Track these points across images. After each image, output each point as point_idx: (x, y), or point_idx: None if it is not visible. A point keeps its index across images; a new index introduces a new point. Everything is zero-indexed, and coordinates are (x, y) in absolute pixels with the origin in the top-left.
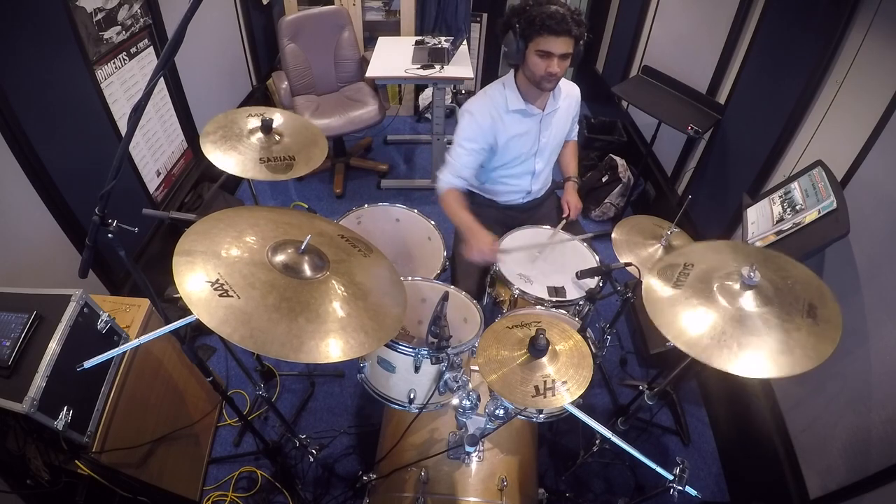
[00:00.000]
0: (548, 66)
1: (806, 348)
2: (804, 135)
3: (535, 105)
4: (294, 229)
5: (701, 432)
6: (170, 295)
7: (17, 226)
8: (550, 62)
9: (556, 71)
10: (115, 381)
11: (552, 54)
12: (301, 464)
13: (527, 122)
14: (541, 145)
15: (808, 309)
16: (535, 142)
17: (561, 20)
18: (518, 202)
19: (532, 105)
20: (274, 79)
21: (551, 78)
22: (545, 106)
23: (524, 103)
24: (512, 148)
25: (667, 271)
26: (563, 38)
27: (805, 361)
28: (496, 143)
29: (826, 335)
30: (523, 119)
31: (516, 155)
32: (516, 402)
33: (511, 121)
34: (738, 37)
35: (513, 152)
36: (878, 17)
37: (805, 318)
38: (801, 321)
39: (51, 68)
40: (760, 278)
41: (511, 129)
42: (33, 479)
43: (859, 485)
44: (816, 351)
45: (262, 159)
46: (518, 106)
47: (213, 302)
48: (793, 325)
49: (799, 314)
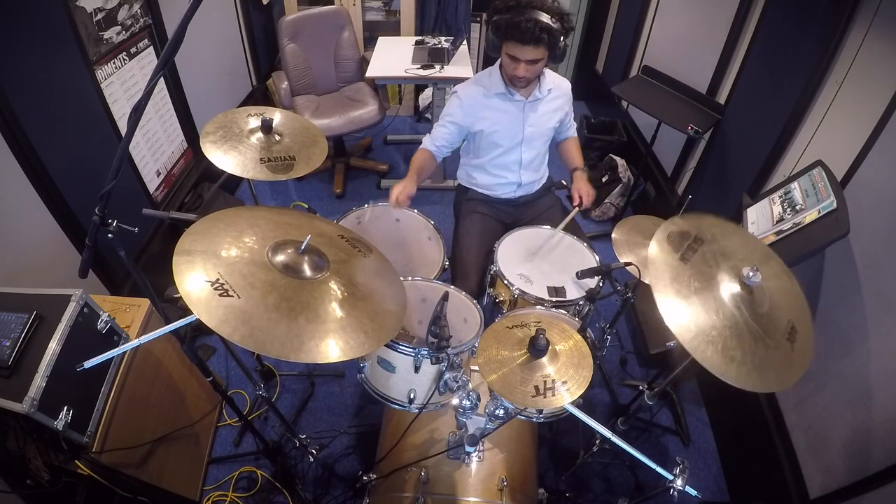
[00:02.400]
0: (515, 68)
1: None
2: (804, 135)
3: (518, 91)
4: (294, 229)
5: (701, 432)
6: (170, 295)
7: (17, 226)
8: (517, 66)
9: (523, 75)
10: (115, 381)
11: (519, 60)
12: (301, 464)
13: (508, 106)
14: (526, 134)
15: (790, 331)
16: (521, 130)
17: (527, 31)
18: (510, 196)
19: (515, 90)
20: (274, 79)
21: (519, 80)
22: (529, 94)
23: (505, 88)
24: (495, 133)
25: (675, 239)
26: (529, 47)
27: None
28: (473, 125)
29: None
30: (504, 103)
31: (500, 140)
32: (516, 402)
33: (494, 104)
34: (738, 37)
35: (496, 137)
36: (878, 17)
37: (785, 341)
38: (782, 341)
39: (51, 68)
40: (760, 280)
41: (494, 111)
42: (33, 479)
43: (859, 485)
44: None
45: (262, 159)
46: (500, 90)
47: (213, 301)
48: (773, 343)
49: (782, 335)
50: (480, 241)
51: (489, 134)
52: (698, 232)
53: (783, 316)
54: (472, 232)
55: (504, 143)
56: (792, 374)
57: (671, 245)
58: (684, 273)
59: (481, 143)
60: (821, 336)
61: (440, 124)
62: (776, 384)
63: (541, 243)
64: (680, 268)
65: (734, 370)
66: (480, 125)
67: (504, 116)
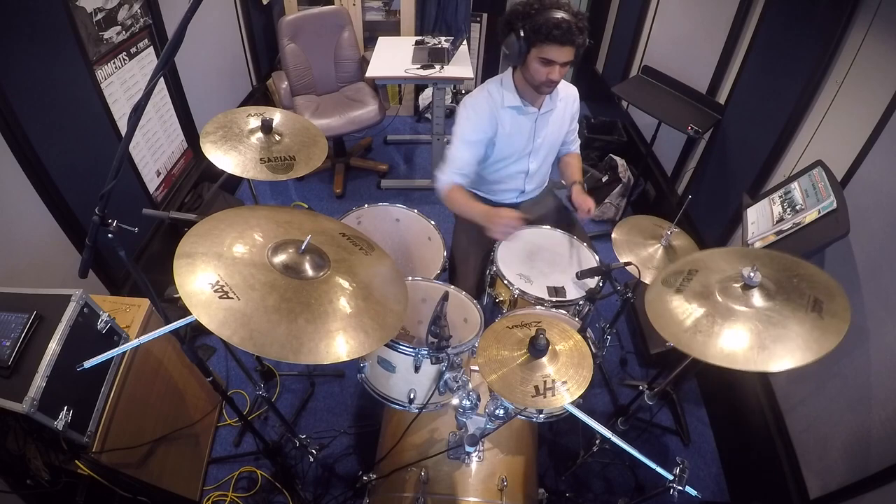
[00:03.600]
0: (549, 72)
1: (809, 341)
2: (804, 135)
3: (531, 103)
4: (294, 229)
5: (701, 432)
6: (170, 295)
7: (17, 226)
8: (552, 69)
9: (557, 78)
10: (115, 381)
11: (555, 62)
12: (301, 464)
13: (522, 119)
14: (535, 145)
15: (812, 304)
16: (530, 141)
17: (567, 30)
18: (512, 201)
19: (528, 103)
20: (274, 79)
21: (551, 84)
22: (541, 105)
23: (520, 100)
24: (507, 145)
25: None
26: (567, 48)
27: (806, 354)
28: (495, 134)
29: (831, 328)
30: (518, 116)
31: (510, 153)
32: (516, 402)
33: (506, 117)
34: (738, 37)
35: (507, 149)
36: (878, 17)
37: (809, 313)
38: (805, 315)
39: (51, 68)
40: (762, 278)
41: (506, 125)
42: (33, 479)
43: (859, 485)
44: (819, 343)
45: (262, 159)
46: (514, 103)
47: (213, 304)
48: (795, 320)
49: (803, 309)
50: (480, 241)
51: (499, 147)
52: (689, 266)
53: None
54: (471, 232)
55: (512, 155)
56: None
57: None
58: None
59: (489, 154)
60: None
61: (461, 149)
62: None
63: (541, 243)
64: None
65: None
66: (493, 139)
67: (515, 129)
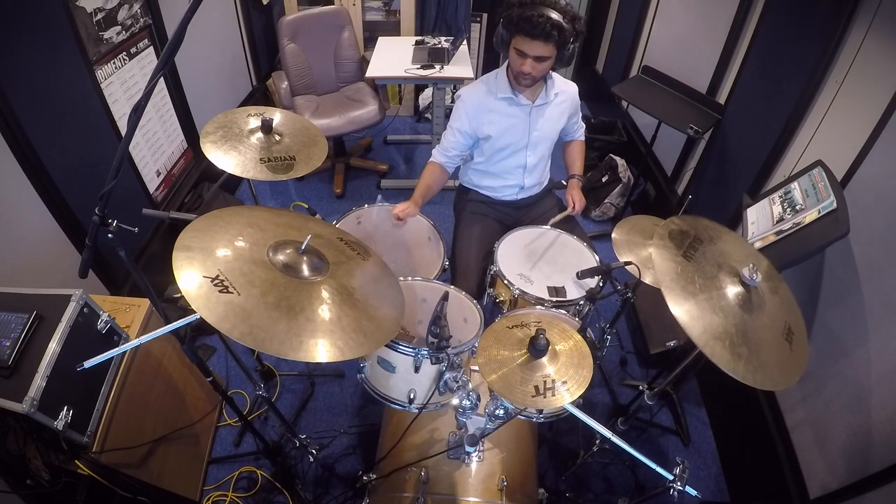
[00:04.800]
0: (521, 64)
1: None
2: (804, 135)
3: (524, 95)
4: (294, 231)
5: (701, 432)
6: (170, 295)
7: (17, 226)
8: (524, 61)
9: (529, 71)
10: (115, 381)
11: (527, 55)
12: (301, 464)
13: (515, 110)
14: (531, 139)
15: (787, 332)
16: (526, 134)
17: (537, 25)
18: (512, 198)
19: (521, 95)
20: (274, 79)
21: (525, 76)
22: (536, 98)
23: (512, 92)
24: (501, 137)
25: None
26: (539, 42)
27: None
28: (480, 129)
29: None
30: (510, 107)
31: (506, 145)
32: (516, 402)
33: (499, 107)
34: (738, 37)
35: (502, 142)
36: (878, 17)
37: (784, 341)
38: (781, 341)
39: (51, 68)
40: (760, 281)
41: (499, 116)
42: (33, 479)
43: (859, 485)
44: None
45: (262, 159)
46: (505, 94)
47: (212, 298)
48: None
49: (781, 335)
50: (480, 241)
51: (495, 139)
52: (697, 232)
53: (780, 317)
54: (472, 232)
55: (509, 147)
56: (792, 374)
57: (674, 242)
58: (688, 270)
59: (486, 147)
60: (820, 335)
61: (448, 132)
62: (780, 382)
63: (541, 243)
64: (684, 265)
65: (742, 368)
66: (487, 130)
67: (510, 121)
